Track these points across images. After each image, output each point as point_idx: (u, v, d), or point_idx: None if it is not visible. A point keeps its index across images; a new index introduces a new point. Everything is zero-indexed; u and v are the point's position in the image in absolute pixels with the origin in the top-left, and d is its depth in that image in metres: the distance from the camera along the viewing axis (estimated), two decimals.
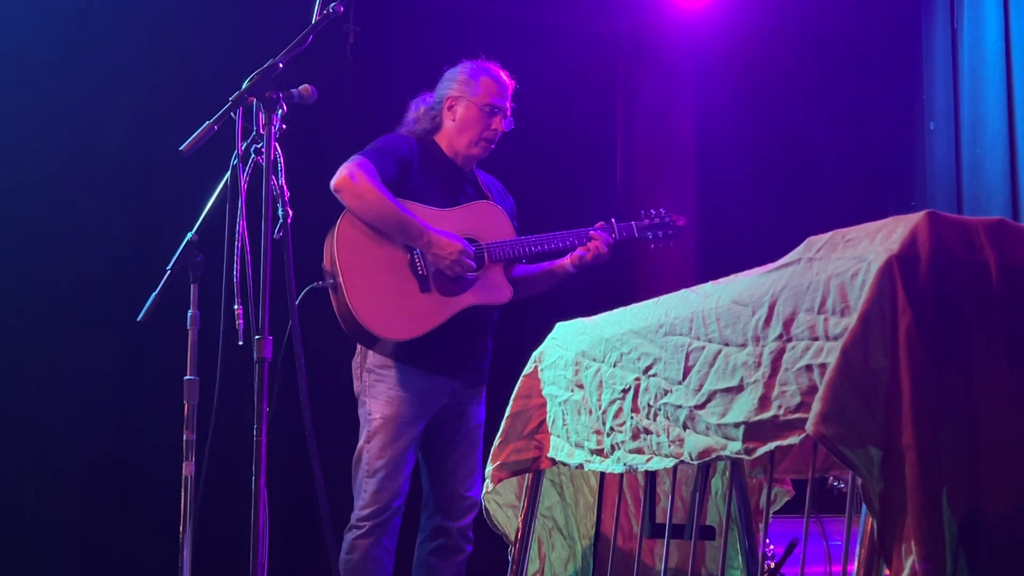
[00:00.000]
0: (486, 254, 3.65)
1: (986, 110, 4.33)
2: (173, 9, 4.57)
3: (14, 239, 4.34)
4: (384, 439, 3.53)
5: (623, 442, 2.33)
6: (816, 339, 1.75)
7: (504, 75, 3.79)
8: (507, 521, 3.02)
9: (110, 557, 4.34)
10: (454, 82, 3.75)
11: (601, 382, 2.43)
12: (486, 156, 3.79)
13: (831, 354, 1.68)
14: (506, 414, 2.85)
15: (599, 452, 2.45)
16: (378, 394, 3.56)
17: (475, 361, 3.71)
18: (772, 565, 3.31)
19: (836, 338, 1.69)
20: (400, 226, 3.52)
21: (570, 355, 2.64)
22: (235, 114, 2.71)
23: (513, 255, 3.69)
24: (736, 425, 1.90)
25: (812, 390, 1.73)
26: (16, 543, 4.25)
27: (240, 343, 2.76)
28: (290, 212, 2.77)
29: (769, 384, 1.83)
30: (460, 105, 3.72)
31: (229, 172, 2.76)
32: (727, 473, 2.77)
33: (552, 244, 3.73)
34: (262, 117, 2.70)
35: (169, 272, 2.90)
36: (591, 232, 3.77)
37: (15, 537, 4.25)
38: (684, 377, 2.08)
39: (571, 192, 3.79)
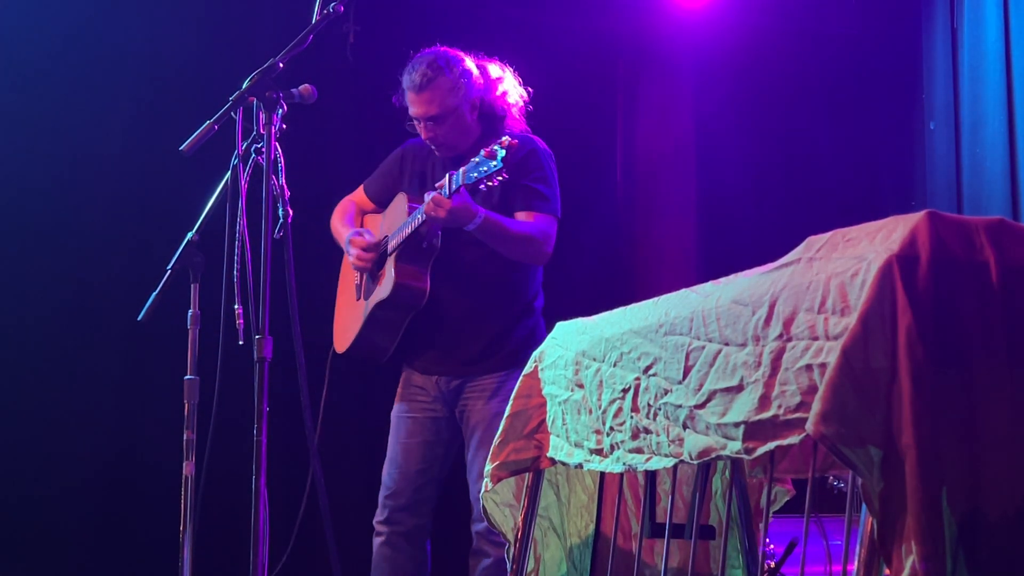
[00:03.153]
0: (387, 249, 3.54)
1: (986, 110, 4.33)
2: (173, 10, 4.57)
3: (14, 239, 4.34)
4: (391, 436, 3.67)
5: (623, 442, 2.33)
6: (816, 339, 1.74)
7: (414, 77, 3.47)
8: (504, 520, 3.02)
9: (110, 557, 4.34)
10: None
11: (601, 382, 2.42)
12: (448, 154, 3.57)
13: (831, 354, 1.68)
14: (506, 414, 2.84)
15: (599, 452, 2.45)
16: None
17: (447, 352, 3.59)
18: (772, 565, 3.31)
19: (836, 338, 1.69)
20: (341, 243, 3.67)
21: (570, 355, 2.63)
22: (235, 114, 2.72)
23: (400, 242, 3.43)
24: (736, 425, 1.90)
25: (812, 390, 1.72)
26: (16, 542, 4.25)
27: (240, 343, 2.76)
28: (290, 212, 2.77)
29: (769, 384, 1.83)
30: None
31: (229, 172, 2.77)
32: (727, 473, 2.76)
33: (412, 221, 3.41)
34: (262, 117, 2.71)
35: (169, 272, 2.90)
36: (426, 193, 3.36)
37: (15, 536, 4.25)
38: (684, 377, 2.08)
39: (571, 192, 3.79)
